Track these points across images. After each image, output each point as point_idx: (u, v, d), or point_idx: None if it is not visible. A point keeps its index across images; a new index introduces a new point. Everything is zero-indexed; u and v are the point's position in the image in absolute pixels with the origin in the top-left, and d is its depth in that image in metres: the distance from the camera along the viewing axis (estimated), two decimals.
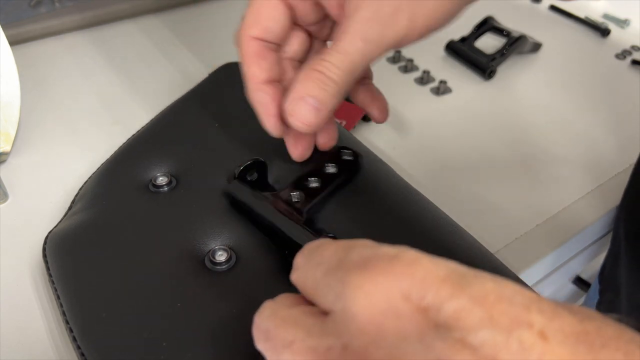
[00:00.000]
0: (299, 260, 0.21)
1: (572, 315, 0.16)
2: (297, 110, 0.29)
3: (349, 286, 0.17)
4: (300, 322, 0.19)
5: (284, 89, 0.31)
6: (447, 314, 0.16)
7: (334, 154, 0.34)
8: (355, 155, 0.35)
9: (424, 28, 0.28)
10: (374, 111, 0.35)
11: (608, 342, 0.16)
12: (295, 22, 0.32)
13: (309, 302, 0.21)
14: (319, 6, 0.31)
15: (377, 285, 0.17)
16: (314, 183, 0.32)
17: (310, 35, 0.33)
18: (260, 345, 0.20)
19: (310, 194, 0.32)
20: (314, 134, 0.34)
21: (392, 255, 0.17)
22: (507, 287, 0.16)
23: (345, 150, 0.34)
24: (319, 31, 0.33)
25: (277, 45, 0.31)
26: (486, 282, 0.16)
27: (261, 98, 0.31)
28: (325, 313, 0.19)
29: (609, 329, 0.16)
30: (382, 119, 0.35)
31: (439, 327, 0.16)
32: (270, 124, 0.31)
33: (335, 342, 0.17)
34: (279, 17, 0.30)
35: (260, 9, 0.30)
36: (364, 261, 0.18)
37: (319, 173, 0.33)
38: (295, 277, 0.21)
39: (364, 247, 0.19)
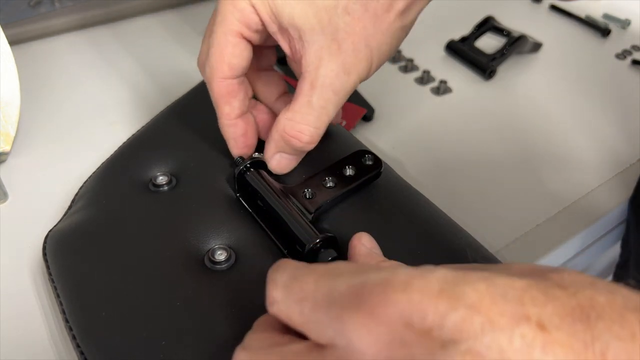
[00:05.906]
0: (275, 294, 0.21)
1: (563, 291, 0.17)
2: (276, 165, 0.33)
3: (349, 323, 0.17)
4: None
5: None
6: (450, 329, 0.16)
7: (356, 156, 0.34)
8: (377, 161, 0.34)
9: (380, 63, 0.31)
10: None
11: (602, 313, 0.16)
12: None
13: (279, 330, 0.21)
14: (269, 36, 0.32)
15: (378, 318, 0.17)
16: (329, 183, 0.32)
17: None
18: None
19: (323, 193, 0.32)
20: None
21: (382, 281, 0.18)
22: (497, 284, 0.17)
23: (368, 155, 0.34)
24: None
25: (243, 77, 0.33)
26: (478, 285, 0.17)
27: (233, 134, 0.33)
28: (319, 345, 0.19)
29: (601, 297, 0.16)
30: None
31: (445, 343, 0.16)
32: (237, 154, 0.34)
33: None
34: (243, 53, 0.31)
35: (225, 50, 0.31)
36: (356, 294, 0.18)
37: (337, 174, 0.33)
38: (276, 310, 0.21)
39: (348, 275, 0.19)
